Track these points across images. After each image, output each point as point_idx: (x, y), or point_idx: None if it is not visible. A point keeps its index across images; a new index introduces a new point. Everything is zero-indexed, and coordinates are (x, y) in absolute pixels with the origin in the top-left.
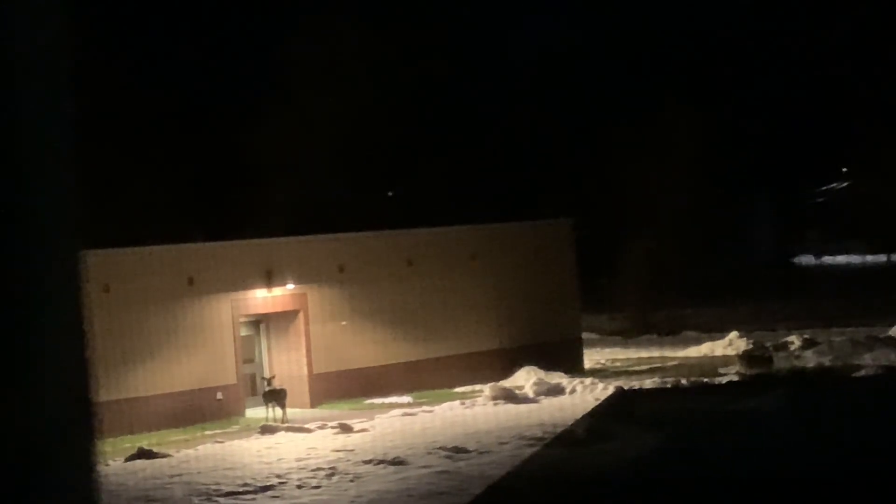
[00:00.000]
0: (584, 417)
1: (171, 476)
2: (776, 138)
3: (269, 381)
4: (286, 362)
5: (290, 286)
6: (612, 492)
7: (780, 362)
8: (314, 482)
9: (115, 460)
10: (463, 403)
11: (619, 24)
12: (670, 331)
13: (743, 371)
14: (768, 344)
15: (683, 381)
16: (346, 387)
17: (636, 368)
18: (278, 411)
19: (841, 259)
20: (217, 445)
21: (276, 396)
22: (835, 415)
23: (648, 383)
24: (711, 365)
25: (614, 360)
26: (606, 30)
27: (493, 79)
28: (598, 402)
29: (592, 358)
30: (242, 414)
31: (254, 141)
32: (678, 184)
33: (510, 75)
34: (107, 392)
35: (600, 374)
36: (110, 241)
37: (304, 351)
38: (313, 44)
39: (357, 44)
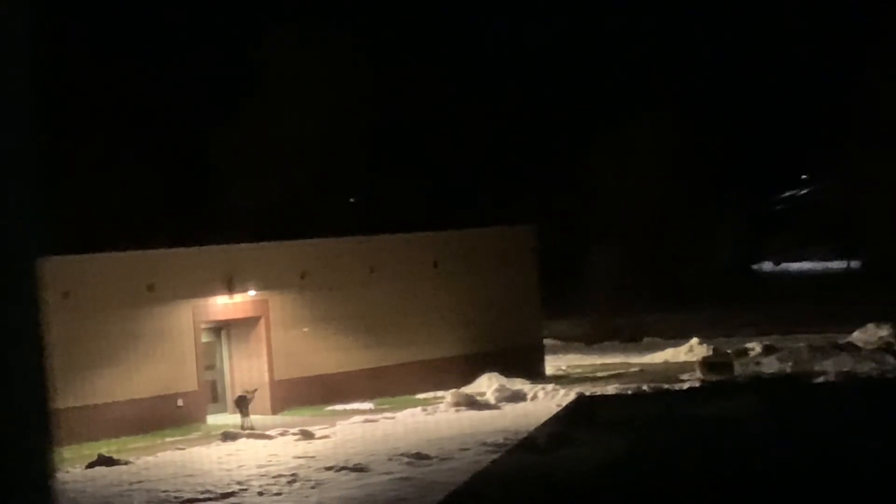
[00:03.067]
0: (545, 423)
1: (132, 483)
2: (738, 146)
3: (252, 393)
4: (248, 369)
5: (252, 292)
6: (573, 497)
7: (741, 369)
8: (275, 489)
9: (75, 467)
10: (425, 410)
11: (585, 32)
12: (632, 337)
13: (703, 377)
14: (729, 350)
15: (644, 388)
16: (307, 393)
17: (598, 374)
18: (250, 417)
19: (801, 265)
20: (178, 452)
21: (240, 403)
22: (795, 421)
23: (610, 389)
24: (672, 371)
25: (576, 367)
26: (574, 37)
27: (457, 84)
28: (560, 408)
29: (554, 364)
30: (204, 420)
31: (216, 147)
32: (641, 191)
33: (476, 81)
34: (67, 399)
35: (562, 380)
36: (70, 247)
37: (265, 357)
38: (278, 51)
39: (321, 50)
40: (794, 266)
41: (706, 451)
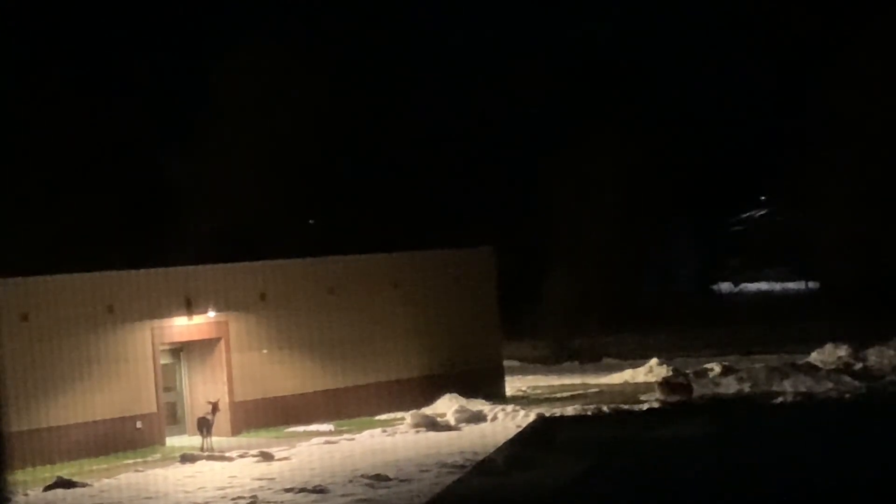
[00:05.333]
0: (505, 445)
1: None
2: (696, 168)
3: (215, 406)
4: (207, 391)
5: (212, 314)
6: None
7: (700, 389)
8: None
9: (33, 490)
10: (384, 431)
11: (543, 54)
12: (591, 358)
13: (663, 398)
14: (688, 371)
15: (604, 408)
16: (267, 415)
17: (557, 395)
18: (211, 438)
19: (760, 286)
20: (137, 474)
21: (201, 425)
22: (753, 442)
23: (570, 410)
24: (632, 392)
25: (536, 388)
26: (531, 59)
27: (416, 106)
28: (520, 429)
29: (514, 385)
30: (163, 443)
31: (175, 169)
32: (598, 213)
33: (433, 103)
34: (26, 421)
35: (522, 401)
36: (29, 268)
37: (225, 379)
38: (236, 73)
39: (279, 73)
40: (753, 287)
41: (665, 474)
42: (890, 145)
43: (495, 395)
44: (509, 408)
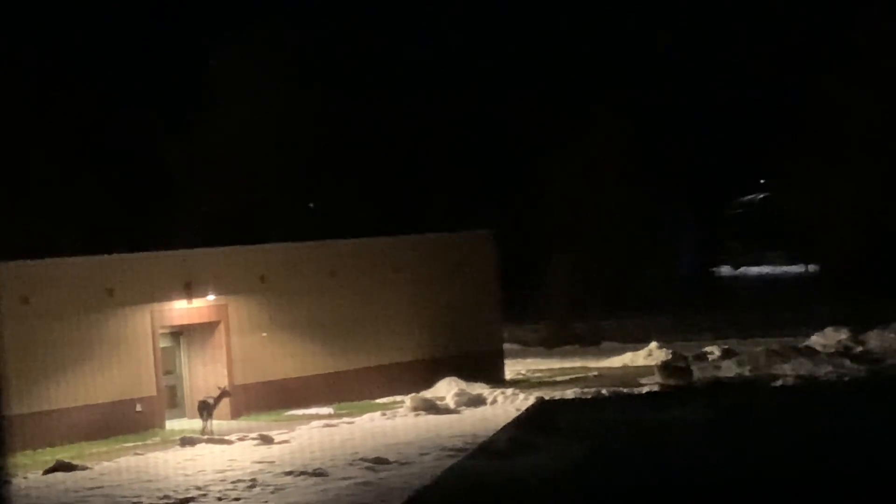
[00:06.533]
0: (505, 428)
1: (91, 489)
2: (696, 151)
3: (224, 392)
4: (207, 374)
5: (211, 297)
6: None
7: (700, 372)
8: (234, 494)
9: (32, 473)
10: (384, 414)
11: (543, 38)
12: (591, 341)
13: (662, 381)
14: (687, 354)
15: (604, 392)
16: (267, 398)
17: (557, 379)
18: (212, 421)
19: (760, 270)
20: (137, 457)
21: (202, 408)
22: (753, 426)
23: (569, 393)
24: (632, 375)
25: (535, 371)
26: (531, 43)
27: (415, 90)
28: (520, 412)
29: (514, 368)
30: (162, 426)
31: (174, 151)
32: (600, 196)
33: (433, 87)
34: (26, 404)
35: (522, 384)
36: (30, 252)
37: (224, 362)
38: (234, 56)
39: (277, 55)
40: (753, 270)
41: (664, 458)
42: (890, 128)
43: (495, 378)
44: (509, 391)
